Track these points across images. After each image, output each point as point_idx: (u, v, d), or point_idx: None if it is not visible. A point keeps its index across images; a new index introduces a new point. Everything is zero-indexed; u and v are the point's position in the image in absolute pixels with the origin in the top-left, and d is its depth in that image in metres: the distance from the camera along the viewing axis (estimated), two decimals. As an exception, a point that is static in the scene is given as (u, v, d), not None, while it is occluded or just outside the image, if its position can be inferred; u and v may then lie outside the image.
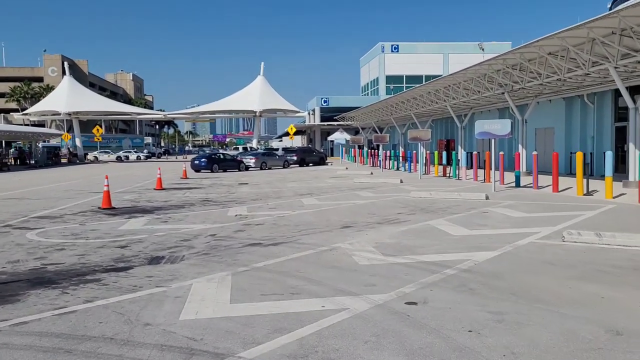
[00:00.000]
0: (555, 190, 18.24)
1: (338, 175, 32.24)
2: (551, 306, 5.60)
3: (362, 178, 26.80)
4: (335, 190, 21.24)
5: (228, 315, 5.49)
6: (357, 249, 8.91)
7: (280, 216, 13.34)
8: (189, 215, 13.77)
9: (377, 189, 21.21)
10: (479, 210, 13.60)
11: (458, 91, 30.12)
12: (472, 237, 9.85)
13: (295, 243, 9.57)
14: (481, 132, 19.14)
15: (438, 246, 9.00)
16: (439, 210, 13.93)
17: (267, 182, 27.40)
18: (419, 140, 27.30)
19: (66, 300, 6.12)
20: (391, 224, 11.60)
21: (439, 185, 22.63)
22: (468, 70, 25.32)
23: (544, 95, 26.28)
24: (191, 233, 10.89)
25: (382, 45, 69.64)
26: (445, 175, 28.03)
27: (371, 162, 44.43)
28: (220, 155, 41.03)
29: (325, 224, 11.89)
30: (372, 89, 73.58)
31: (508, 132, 18.48)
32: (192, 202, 17.29)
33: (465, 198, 16.44)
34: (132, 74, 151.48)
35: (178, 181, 28.47)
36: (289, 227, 11.52)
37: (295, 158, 47.03)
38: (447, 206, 14.71)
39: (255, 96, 66.91)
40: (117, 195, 19.75)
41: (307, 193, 20.03)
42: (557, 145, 27.36)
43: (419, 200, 16.38)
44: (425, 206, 14.84)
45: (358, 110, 54.12)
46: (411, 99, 37.50)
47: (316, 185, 23.89)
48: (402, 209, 14.41)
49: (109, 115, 66.83)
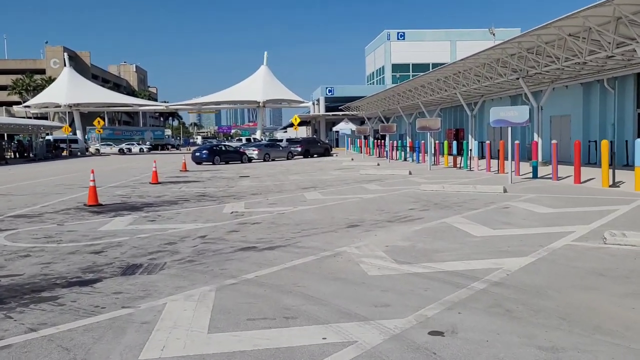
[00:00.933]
0: (577, 182, 16.94)
1: (343, 166, 31.00)
2: (617, 338, 4.36)
3: (368, 170, 25.55)
4: (340, 183, 20.02)
5: (202, 352, 4.29)
6: (365, 253, 7.69)
7: (280, 213, 12.12)
8: (180, 213, 12.58)
9: (385, 182, 19.97)
10: (499, 205, 12.33)
11: (469, 77, 28.73)
12: (497, 238, 8.60)
13: (294, 247, 8.36)
14: (497, 120, 17.83)
15: (459, 250, 7.76)
16: (454, 205, 12.68)
17: (269, 174, 26.21)
18: (428, 129, 25.99)
19: (5, 329, 4.93)
20: (403, 223, 10.37)
21: (450, 176, 21.35)
22: (480, 54, 23.93)
23: (560, 80, 24.88)
24: (179, 234, 9.70)
25: (387, 32, 68.02)
26: (456, 166, 26.74)
27: (377, 153, 43.14)
28: (222, 147, 39.84)
29: (329, 222, 10.67)
30: (378, 78, 72.05)
31: (526, 120, 17.16)
32: (187, 197, 16.10)
33: (481, 191, 15.17)
34: (135, 65, 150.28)
35: (177, 174, 27.32)
36: (289, 226, 10.31)
37: (299, 149, 45.80)
38: (463, 200, 13.45)
39: (258, 86, 65.61)
40: (108, 190, 18.60)
41: (310, 186, 18.81)
42: (574, 133, 25.98)
43: (431, 194, 15.12)
44: (438, 201, 13.58)
45: (363, 100, 52.74)
46: (419, 86, 36.12)
47: (320, 178, 22.66)
48: (413, 204, 13.16)
49: (110, 106, 65.72)
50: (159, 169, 34.83)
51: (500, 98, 33.79)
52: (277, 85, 67.30)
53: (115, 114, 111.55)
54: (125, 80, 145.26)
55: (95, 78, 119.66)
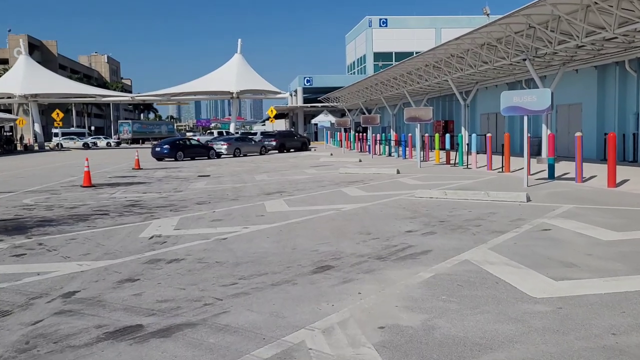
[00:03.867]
0: (611, 185, 13.40)
1: (321, 163, 27.24)
2: None
3: (349, 167, 21.84)
4: (314, 185, 16.26)
5: None
6: (342, 356, 3.92)
7: (220, 240, 8.31)
8: (76, 239, 8.67)
9: (369, 184, 16.27)
10: (534, 226, 8.66)
11: (463, 60, 25.11)
12: (575, 302, 4.90)
13: (210, 327, 4.57)
14: (509, 107, 14.18)
15: (522, 344, 4.03)
16: (469, 224, 8.99)
17: (233, 173, 22.36)
18: (418, 120, 22.33)
19: None
20: (401, 261, 6.63)
21: (447, 176, 17.72)
22: (480, 31, 20.26)
23: (574, 62, 21.32)
24: (35, 288, 5.85)
25: (369, 19, 64.15)
26: (449, 163, 23.15)
27: (359, 147, 39.46)
28: (186, 141, 35.78)
29: (287, 259, 6.89)
30: (359, 67, 68.25)
31: (547, 107, 13.54)
32: (111, 208, 12.19)
33: (497, 200, 11.51)
34: (106, 56, 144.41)
35: (125, 173, 23.28)
36: (222, 268, 6.52)
37: (274, 143, 41.91)
38: (478, 215, 9.78)
39: (232, 76, 61.34)
40: (19, 196, 14.60)
41: (276, 191, 15.02)
42: (586, 124, 22.53)
43: (430, 204, 11.43)
44: (444, 216, 9.89)
45: (343, 90, 48.89)
46: (405, 73, 32.41)
47: (292, 179, 18.88)
48: (410, 221, 9.45)
49: (72, 97, 60.80)
50: (114, 165, 30.86)
51: (495, 86, 30.26)
52: (252, 75, 63.06)
53: (84, 106, 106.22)
54: (96, 72, 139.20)
55: (63, 68, 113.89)
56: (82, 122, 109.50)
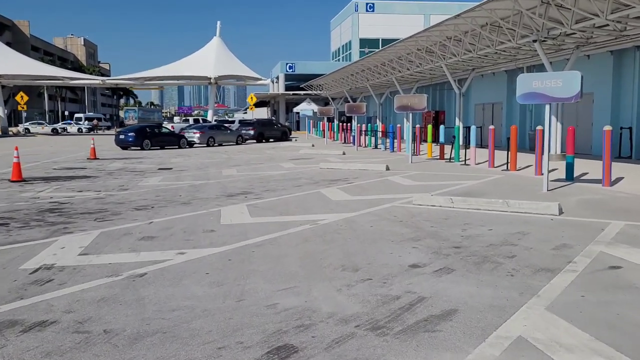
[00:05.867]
0: (652, 192, 10.90)
1: (300, 155, 24.51)
2: None
3: (331, 161, 19.15)
4: (289, 184, 13.55)
5: None
6: None
7: (134, 278, 5.57)
8: None
9: (354, 182, 13.62)
10: (593, 259, 6.05)
11: (460, 44, 22.49)
12: None
13: None
14: (527, 93, 11.55)
15: None
16: (497, 253, 6.37)
17: (199, 166, 19.56)
18: (410, 109, 19.67)
19: None
20: (411, 341, 3.96)
21: (444, 175, 15.13)
22: (483, 7, 17.55)
23: (589, 46, 18.76)
24: None
25: (355, 3, 61.17)
26: (443, 158, 20.62)
27: (343, 138, 36.77)
28: (154, 129, 32.72)
29: (224, 330, 4.18)
30: (344, 54, 65.34)
31: (576, 93, 10.93)
32: (17, 215, 9.36)
33: (521, 212, 8.91)
34: (83, 38, 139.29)
35: (74, 164, 20.32)
36: (101, 355, 3.78)
37: (251, 132, 39.05)
38: (504, 238, 7.16)
39: (210, 60, 58.03)
40: None
41: (241, 191, 12.29)
42: (598, 116, 20.07)
43: (435, 216, 8.79)
44: (457, 237, 7.25)
45: (327, 77, 46.00)
46: (395, 59, 29.68)
47: (264, 175, 16.15)
48: (412, 245, 6.80)
49: (38, 80, 56.98)
50: (71, 154, 27.68)
51: (493, 74, 27.74)
52: (231, 59, 59.75)
53: (57, 90, 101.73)
54: (72, 55, 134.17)
55: (36, 50, 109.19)
56: (55, 106, 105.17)
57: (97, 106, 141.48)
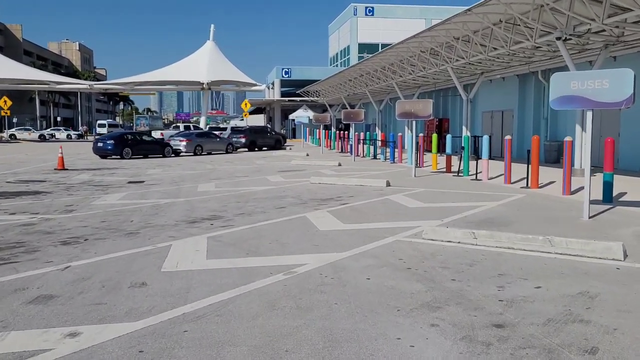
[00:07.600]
0: None
1: (292, 166, 22.23)
2: None
3: (325, 175, 16.86)
4: (270, 205, 11.23)
5: None
6: None
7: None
8: None
9: (349, 203, 11.31)
10: None
11: (468, 45, 20.25)
12: None
13: None
14: (564, 97, 9.28)
15: None
16: (562, 338, 4.05)
17: (176, 179, 17.27)
18: (413, 116, 17.39)
19: None
20: None
21: (454, 193, 12.82)
22: (499, 0, 15.30)
23: (618, 45, 16.45)
24: None
25: (354, 7, 59.06)
26: (450, 171, 18.32)
27: (340, 147, 34.50)
28: (136, 136, 30.39)
29: None
30: (343, 60, 63.19)
31: (628, 97, 8.66)
32: None
33: (571, 255, 6.59)
34: (78, 43, 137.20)
35: (36, 176, 18.02)
36: None
37: (243, 140, 36.78)
38: (565, 308, 4.85)
39: (203, 65, 55.84)
40: None
41: (210, 216, 9.98)
42: (626, 125, 17.80)
43: (454, 260, 6.47)
44: (495, 304, 4.93)
45: (324, 82, 43.74)
46: (396, 62, 27.44)
47: (245, 191, 13.85)
48: (429, 319, 4.48)
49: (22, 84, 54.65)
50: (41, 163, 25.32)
51: (502, 79, 25.48)
52: (225, 64, 57.56)
53: (50, 95, 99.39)
54: (66, 60, 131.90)
55: (29, 55, 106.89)
56: (48, 112, 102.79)
57: (92, 112, 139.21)
